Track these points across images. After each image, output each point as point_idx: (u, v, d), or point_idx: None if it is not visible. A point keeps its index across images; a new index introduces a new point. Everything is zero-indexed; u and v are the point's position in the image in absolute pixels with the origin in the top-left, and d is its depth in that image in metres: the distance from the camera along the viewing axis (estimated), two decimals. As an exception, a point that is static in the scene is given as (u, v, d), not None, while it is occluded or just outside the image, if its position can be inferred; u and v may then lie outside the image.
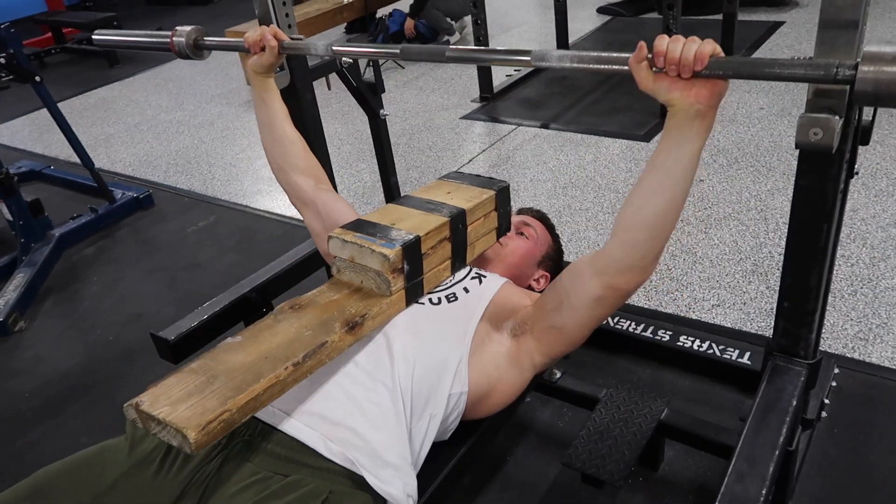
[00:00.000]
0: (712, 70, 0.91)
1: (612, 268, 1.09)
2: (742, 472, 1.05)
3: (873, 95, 0.80)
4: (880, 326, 1.98)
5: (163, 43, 1.54)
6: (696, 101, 0.94)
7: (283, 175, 1.50)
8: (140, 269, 2.84)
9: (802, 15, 4.72)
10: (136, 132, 4.39)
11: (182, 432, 0.86)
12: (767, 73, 0.89)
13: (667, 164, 1.00)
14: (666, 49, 0.91)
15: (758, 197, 2.69)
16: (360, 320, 1.05)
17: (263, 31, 1.37)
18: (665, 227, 1.04)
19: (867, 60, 0.79)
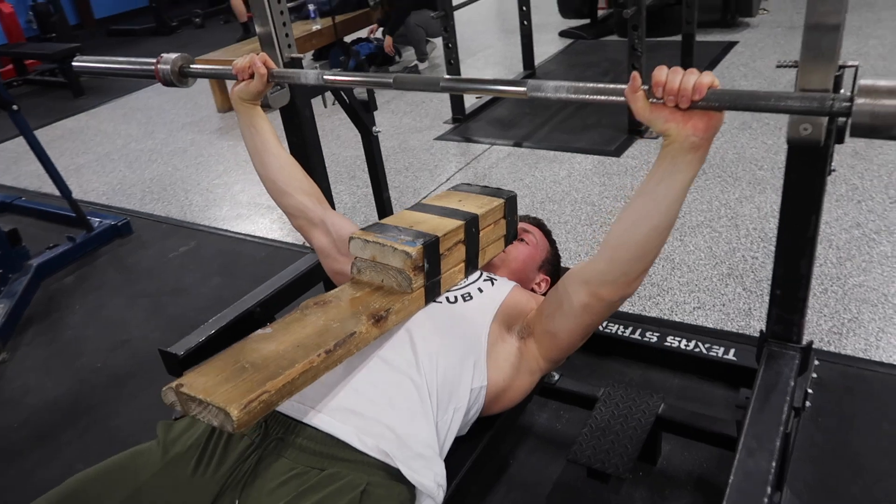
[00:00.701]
0: (710, 101, 0.92)
1: (597, 279, 1.14)
2: (752, 448, 1.11)
3: (870, 127, 0.83)
4: (852, 321, 2.09)
5: (147, 70, 1.53)
6: (693, 133, 0.95)
7: (287, 199, 1.48)
8: (123, 296, 2.82)
9: (754, 35, 4.97)
10: (108, 161, 4.35)
11: (225, 410, 0.88)
12: (764, 106, 0.92)
13: (658, 191, 1.02)
14: (665, 79, 0.93)
15: (727, 205, 2.81)
16: (385, 314, 1.10)
17: (253, 58, 1.39)
18: (651, 249, 1.08)
19: (863, 93, 0.83)
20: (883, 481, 1.59)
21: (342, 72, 1.36)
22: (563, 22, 5.88)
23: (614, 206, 2.94)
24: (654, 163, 1.03)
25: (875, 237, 2.46)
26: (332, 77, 1.33)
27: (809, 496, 1.57)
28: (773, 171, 3.03)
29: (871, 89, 0.82)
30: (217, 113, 5.00)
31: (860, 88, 0.84)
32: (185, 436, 1.13)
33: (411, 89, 1.24)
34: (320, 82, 1.34)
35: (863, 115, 0.83)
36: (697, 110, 0.94)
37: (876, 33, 4.56)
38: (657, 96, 0.95)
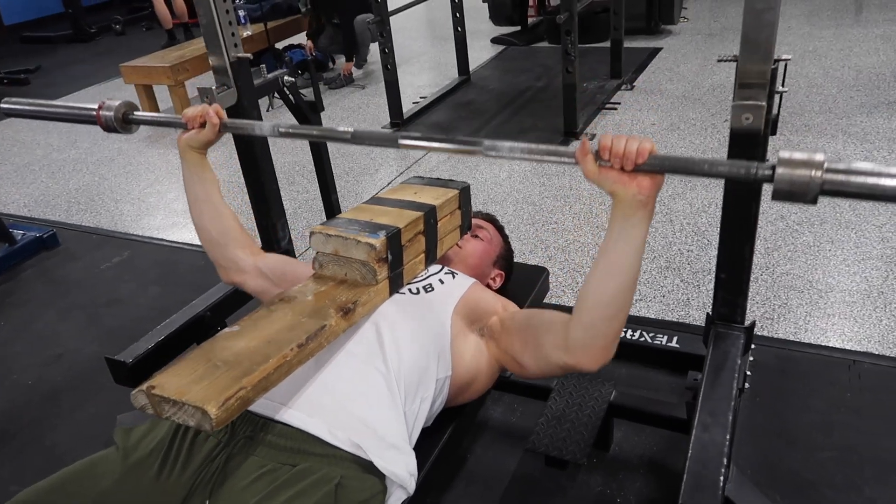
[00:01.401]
0: (651, 165, 1.01)
1: (578, 347, 1.15)
2: (706, 423, 1.17)
3: (788, 193, 0.92)
4: (782, 307, 2.21)
5: (87, 116, 1.48)
6: (638, 192, 1.02)
7: (220, 250, 1.47)
8: (54, 310, 2.69)
9: (676, 41, 5.20)
10: (27, 172, 4.14)
11: (202, 408, 0.86)
12: (698, 170, 1.01)
13: (616, 249, 1.08)
14: (611, 144, 1.02)
15: (661, 202, 2.93)
16: (353, 306, 1.10)
17: (206, 108, 1.39)
18: (621, 306, 1.12)
19: (782, 164, 0.92)
20: (818, 453, 1.69)
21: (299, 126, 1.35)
22: (495, 29, 6.00)
23: (554, 205, 3.02)
24: (609, 225, 1.09)
25: (798, 228, 2.62)
26: (287, 129, 1.32)
27: (753, 472, 1.66)
28: (701, 169, 3.18)
29: (788, 161, 0.91)
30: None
31: (780, 160, 0.92)
32: (146, 440, 1.09)
33: (369, 144, 1.26)
34: (275, 135, 1.33)
35: (782, 182, 0.91)
36: (640, 173, 1.02)
37: (786, 40, 4.86)
38: (604, 159, 1.03)
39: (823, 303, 2.20)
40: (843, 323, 2.10)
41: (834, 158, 0.92)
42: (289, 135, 1.32)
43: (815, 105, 3.72)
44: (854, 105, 3.67)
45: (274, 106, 4.54)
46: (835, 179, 0.88)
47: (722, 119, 3.67)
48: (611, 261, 1.09)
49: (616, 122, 3.85)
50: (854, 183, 0.88)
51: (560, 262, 2.59)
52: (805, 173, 0.89)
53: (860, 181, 0.87)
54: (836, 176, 0.88)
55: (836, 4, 5.67)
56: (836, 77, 4.09)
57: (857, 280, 2.28)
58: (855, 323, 2.10)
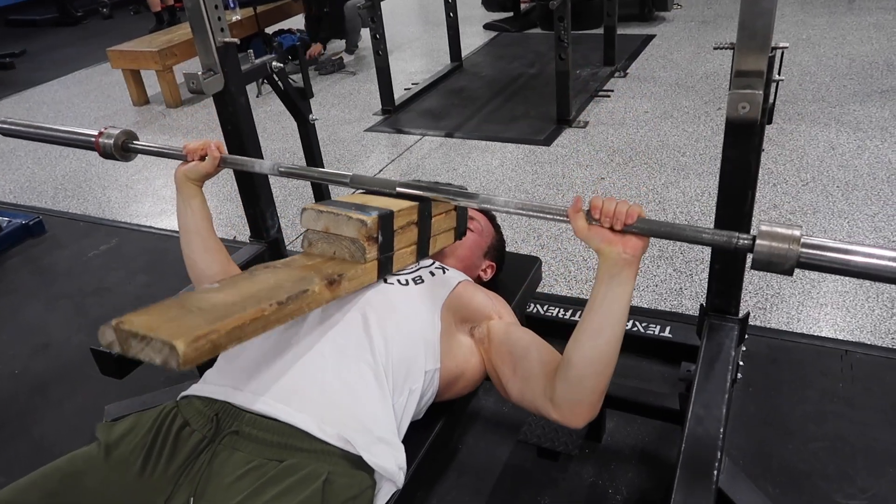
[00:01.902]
0: (639, 226, 1.05)
1: (563, 402, 1.14)
2: (700, 416, 1.16)
3: (767, 263, 0.96)
4: (775, 296, 2.21)
5: (86, 141, 1.51)
6: (624, 251, 1.05)
7: (203, 280, 1.45)
8: (40, 299, 2.65)
9: (670, 28, 5.16)
10: (13, 158, 4.08)
11: (171, 343, 0.82)
12: (683, 236, 1.04)
13: (603, 307, 1.09)
14: (602, 205, 1.05)
15: (654, 190, 2.92)
16: (338, 278, 1.08)
17: (207, 142, 1.42)
18: (608, 363, 1.11)
19: (763, 236, 0.95)
20: (810, 443, 1.68)
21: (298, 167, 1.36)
22: (487, 15, 5.95)
23: (546, 193, 2.99)
24: (595, 283, 1.10)
25: (791, 217, 2.61)
26: (288, 169, 1.33)
27: (745, 462, 1.65)
28: (694, 157, 3.16)
29: (768, 234, 0.95)
30: (133, 107, 4.78)
31: (760, 232, 0.96)
32: (128, 436, 1.07)
33: (368, 189, 1.28)
34: (275, 173, 1.34)
35: (762, 254, 0.95)
36: (628, 233, 1.05)
37: (779, 28, 4.81)
38: (595, 218, 1.07)
39: (816, 292, 2.19)
40: (836, 313, 2.10)
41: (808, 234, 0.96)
42: (289, 174, 1.34)
43: (808, 93, 3.70)
44: (847, 93, 3.66)
45: (262, 92, 4.48)
46: (810, 254, 0.93)
47: (715, 107, 3.65)
48: (596, 319, 1.09)
49: (609, 109, 3.83)
50: (827, 258, 0.93)
51: (553, 250, 2.57)
52: (783, 246, 0.93)
53: (832, 257, 0.93)
54: (811, 251, 0.93)
55: (830, -8, 5.65)
56: (830, 65, 4.07)
57: (850, 270, 2.28)
58: (847, 313, 2.09)
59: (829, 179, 2.84)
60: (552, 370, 1.16)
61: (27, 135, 1.59)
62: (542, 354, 1.22)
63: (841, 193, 2.72)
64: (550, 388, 1.14)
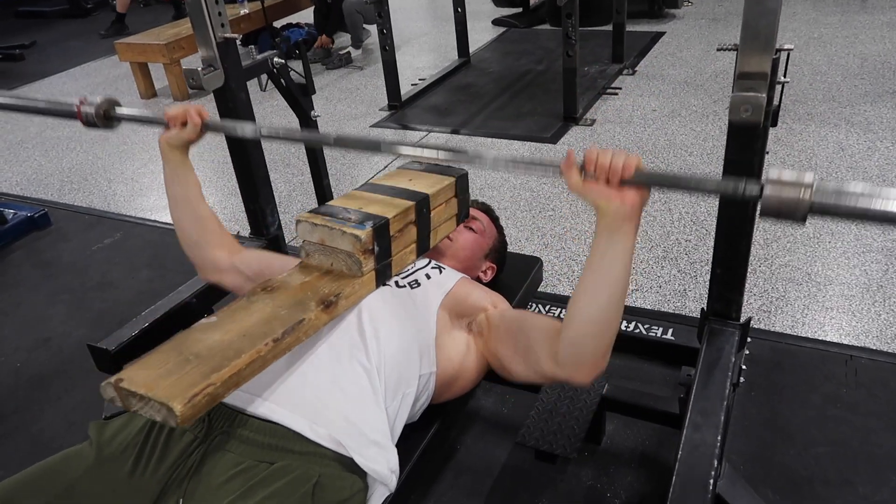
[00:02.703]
0: (637, 179, 0.99)
1: (567, 361, 1.12)
2: (697, 423, 1.14)
3: (776, 211, 0.91)
4: (779, 299, 2.18)
5: (67, 111, 1.47)
6: (622, 205, 1.00)
7: (198, 250, 1.45)
8: (42, 292, 2.66)
9: (680, 26, 5.12)
10: (20, 150, 4.10)
11: (168, 405, 0.84)
12: (684, 185, 0.99)
13: (603, 264, 1.05)
14: (596, 158, 0.99)
15: (660, 190, 2.88)
16: (335, 299, 1.07)
17: (188, 108, 1.37)
18: (610, 321, 1.08)
19: (770, 183, 0.91)
20: (812, 449, 1.66)
21: (281, 128, 1.33)
22: (496, 10, 5.91)
23: (552, 191, 2.97)
24: (594, 239, 1.06)
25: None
26: (269, 132, 1.30)
27: (746, 466, 1.64)
28: (702, 156, 3.13)
29: (777, 181, 0.90)
30: (140, 100, 4.78)
31: (768, 179, 0.91)
32: (120, 435, 1.07)
33: (353, 149, 1.24)
34: (257, 137, 1.31)
35: (771, 201, 0.91)
36: (626, 186, 1.00)
37: (791, 26, 4.78)
38: (590, 172, 1.01)
39: (822, 296, 2.17)
40: (842, 317, 2.07)
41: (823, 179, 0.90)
42: (271, 137, 1.31)
43: (818, 93, 3.66)
44: (858, 93, 3.62)
45: (267, 88, 4.47)
46: (824, 201, 0.88)
47: (724, 106, 3.61)
48: (597, 276, 1.06)
49: (617, 107, 3.80)
50: (843, 206, 0.87)
51: (556, 249, 2.55)
52: (793, 193, 0.88)
53: (849, 203, 0.87)
54: (825, 197, 0.88)
55: (843, -10, 5.58)
56: (841, 65, 4.03)
57: (857, 273, 2.25)
58: (853, 317, 2.07)
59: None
60: (554, 333, 1.13)
61: (9, 106, 1.56)
62: (539, 322, 1.21)
63: (849, 195, 2.69)
64: (554, 346, 1.12)
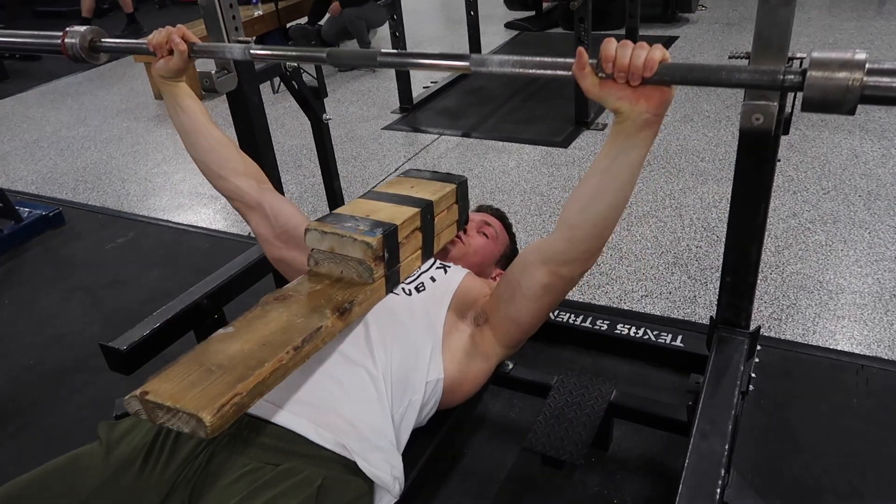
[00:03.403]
0: (661, 76, 0.88)
1: (557, 259, 1.12)
2: (706, 431, 1.14)
3: (822, 102, 0.79)
4: (790, 307, 2.17)
5: (52, 45, 1.41)
6: (646, 110, 0.92)
7: (222, 182, 1.41)
8: (57, 290, 2.69)
9: (693, 30, 5.10)
10: (36, 149, 4.14)
11: (197, 416, 0.84)
12: (715, 79, 0.87)
13: (612, 169, 1.00)
14: (615, 54, 0.89)
15: (672, 196, 2.88)
16: (349, 306, 1.07)
17: (170, 31, 1.29)
18: (607, 226, 1.07)
19: (816, 66, 0.78)
20: (821, 459, 1.65)
21: (271, 46, 1.29)
22: (509, 13, 5.92)
23: (562, 196, 2.97)
24: (607, 139, 1.00)
25: (810, 226, 2.56)
26: (260, 52, 1.25)
27: (754, 475, 1.63)
28: (714, 162, 3.12)
29: (823, 62, 0.78)
30: (154, 100, 4.82)
31: (813, 61, 0.79)
32: (129, 435, 1.08)
33: (347, 64, 1.20)
34: (246, 57, 1.24)
35: (815, 88, 0.79)
36: (649, 85, 0.91)
37: (806, 31, 4.75)
38: (607, 72, 0.90)
39: (833, 304, 2.15)
40: (853, 326, 2.06)
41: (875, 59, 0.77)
42: (261, 56, 1.25)
43: (833, 99, 3.63)
44: (873, 100, 3.58)
45: (279, 90, 4.49)
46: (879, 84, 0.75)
47: (737, 112, 3.58)
48: (604, 179, 1.01)
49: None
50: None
51: (566, 254, 2.55)
52: (843, 77, 0.76)
53: None
54: (880, 79, 0.75)
55: (860, -5, 5.55)
56: (857, 70, 3.99)
57: (870, 282, 2.23)
58: (865, 326, 2.05)
59: (851, 188, 2.79)
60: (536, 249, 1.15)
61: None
62: (522, 252, 1.22)
63: (863, 203, 2.67)
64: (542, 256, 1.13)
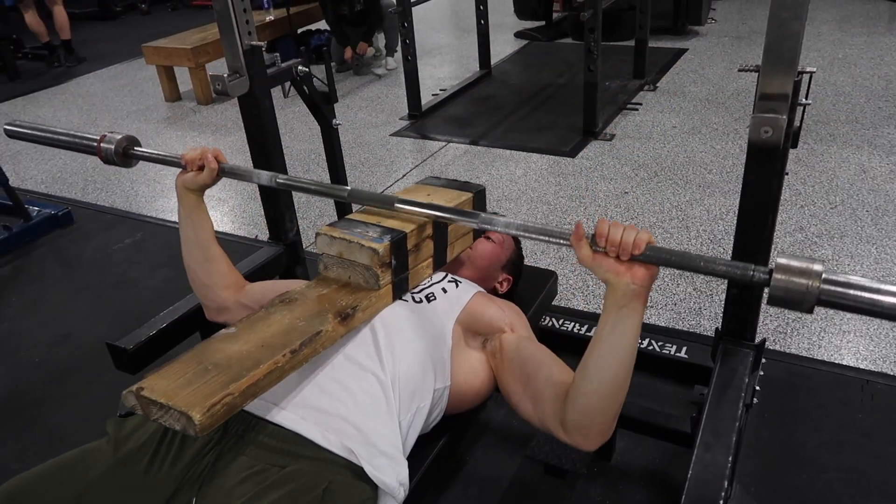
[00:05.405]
0: (647, 256, 0.98)
1: (573, 428, 1.11)
2: (709, 443, 1.14)
3: (783, 300, 0.89)
4: (796, 321, 2.17)
5: (88, 146, 1.50)
6: (632, 282, 0.99)
7: (206, 290, 1.48)
8: (64, 289, 2.70)
9: (703, 43, 5.11)
10: (46, 149, 4.13)
11: (187, 414, 0.86)
12: (694, 266, 0.98)
13: (612, 339, 1.04)
14: (607, 232, 0.99)
15: (678, 207, 2.88)
16: (352, 312, 1.08)
17: (205, 151, 1.38)
18: (617, 393, 1.08)
19: (780, 270, 0.88)
20: (825, 474, 1.65)
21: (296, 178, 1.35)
22: (519, 23, 5.94)
23: (569, 205, 2.98)
24: (601, 314, 1.06)
25: (817, 241, 2.56)
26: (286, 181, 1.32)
27: (757, 489, 1.62)
28: (721, 174, 3.12)
29: (786, 268, 0.87)
30: (164, 102, 4.85)
31: (777, 266, 0.89)
32: (137, 433, 1.09)
33: (367, 203, 1.26)
34: (273, 185, 1.32)
35: (778, 290, 0.88)
36: (636, 263, 1.00)
37: (816, 46, 4.75)
38: (600, 246, 1.00)
39: (839, 319, 2.15)
40: (859, 341, 2.05)
41: (831, 270, 0.89)
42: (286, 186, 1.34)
43: (841, 114, 3.63)
44: (882, 116, 3.59)
45: (290, 94, 4.52)
46: (832, 291, 0.86)
47: (745, 125, 3.60)
48: (605, 350, 1.06)
49: (636, 122, 3.80)
50: (851, 296, 0.85)
51: (572, 263, 2.55)
52: (802, 283, 0.86)
53: (857, 295, 0.84)
54: (834, 288, 0.85)
55: (869, 11, 5.55)
56: (865, 86, 4.00)
57: (876, 297, 2.23)
58: (870, 341, 2.04)
59: (859, 203, 2.79)
60: (563, 392, 1.13)
61: (32, 138, 1.62)
62: (552, 374, 1.18)
63: (870, 218, 2.67)
64: (561, 411, 1.12)
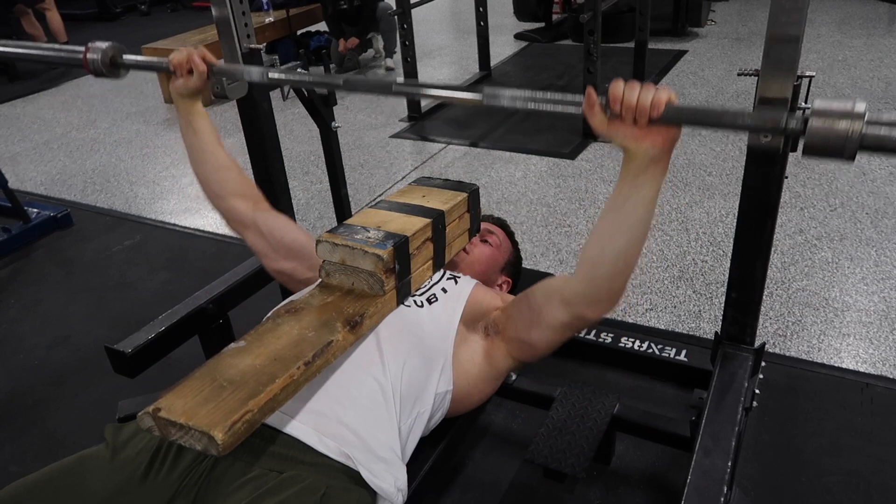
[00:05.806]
0: (668, 118, 0.91)
1: (579, 300, 1.11)
2: (708, 447, 1.13)
3: (822, 148, 0.81)
4: (796, 324, 2.16)
5: (74, 59, 1.45)
6: (652, 147, 0.95)
7: (220, 201, 1.46)
8: (63, 291, 2.70)
9: (703, 45, 5.11)
10: (46, 150, 4.17)
11: (209, 434, 0.85)
12: (719, 122, 0.92)
13: (626, 207, 1.01)
14: (622, 94, 0.91)
15: (678, 210, 2.88)
16: (360, 319, 1.07)
17: (190, 52, 1.33)
18: (628, 264, 1.06)
19: (817, 115, 0.81)
20: (824, 477, 1.64)
21: (288, 69, 1.32)
22: (519, 25, 5.94)
23: (569, 207, 2.97)
24: (618, 179, 1.01)
25: (817, 243, 2.56)
26: (278, 75, 1.28)
27: (756, 493, 1.62)
28: (721, 177, 3.12)
29: (824, 111, 0.81)
30: (164, 103, 4.85)
31: (814, 110, 0.82)
32: (135, 439, 1.08)
33: (363, 91, 1.22)
34: (264, 80, 1.29)
35: (816, 136, 0.81)
36: (655, 125, 0.93)
37: (815, 48, 4.75)
38: (615, 111, 0.93)
39: (839, 322, 2.14)
40: (859, 344, 2.05)
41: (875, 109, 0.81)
42: (280, 81, 1.28)
43: (841, 116, 3.63)
44: (882, 118, 3.58)
45: (288, 96, 4.51)
46: (876, 135, 0.77)
47: (745, 126, 3.60)
48: (619, 218, 1.02)
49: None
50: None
51: (571, 266, 2.55)
52: (843, 125, 0.78)
53: None
54: (879, 129, 0.77)
55: (869, 13, 5.55)
56: (865, 88, 3.99)
57: (876, 300, 2.23)
58: (870, 344, 2.04)
59: (859, 206, 2.79)
60: (560, 284, 1.14)
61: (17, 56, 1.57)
62: (542, 284, 1.21)
63: (870, 220, 2.67)
64: (564, 294, 1.12)
